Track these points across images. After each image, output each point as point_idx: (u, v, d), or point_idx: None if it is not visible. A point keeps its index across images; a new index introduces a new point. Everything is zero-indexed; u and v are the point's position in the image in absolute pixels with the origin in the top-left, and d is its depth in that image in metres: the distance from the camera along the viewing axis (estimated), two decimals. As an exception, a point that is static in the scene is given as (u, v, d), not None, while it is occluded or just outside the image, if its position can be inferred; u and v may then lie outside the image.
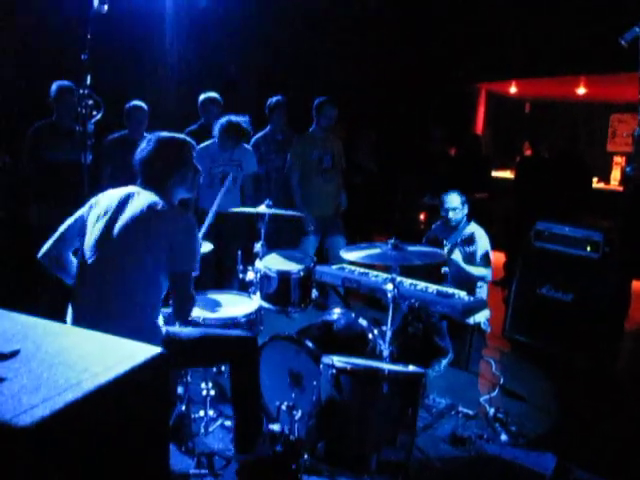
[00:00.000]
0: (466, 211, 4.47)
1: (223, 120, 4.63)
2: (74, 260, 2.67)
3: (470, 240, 4.16)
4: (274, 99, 5.39)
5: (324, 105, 5.06)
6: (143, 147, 2.69)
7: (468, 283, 4.24)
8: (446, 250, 4.10)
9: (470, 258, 4.32)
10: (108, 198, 2.64)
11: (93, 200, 2.69)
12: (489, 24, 7.58)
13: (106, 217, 2.56)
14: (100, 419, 1.36)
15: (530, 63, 7.74)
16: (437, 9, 7.71)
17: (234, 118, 4.61)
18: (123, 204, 2.58)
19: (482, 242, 4.34)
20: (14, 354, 1.47)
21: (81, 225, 2.63)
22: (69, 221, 2.68)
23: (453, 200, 4.44)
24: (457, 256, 4.22)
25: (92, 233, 2.56)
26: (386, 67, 7.53)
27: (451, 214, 4.42)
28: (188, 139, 2.80)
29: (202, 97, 5.23)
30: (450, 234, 4.43)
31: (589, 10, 6.67)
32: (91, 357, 1.49)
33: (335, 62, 7.03)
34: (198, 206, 4.85)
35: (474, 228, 4.42)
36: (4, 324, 1.66)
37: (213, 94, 5.22)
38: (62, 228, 2.67)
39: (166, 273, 2.58)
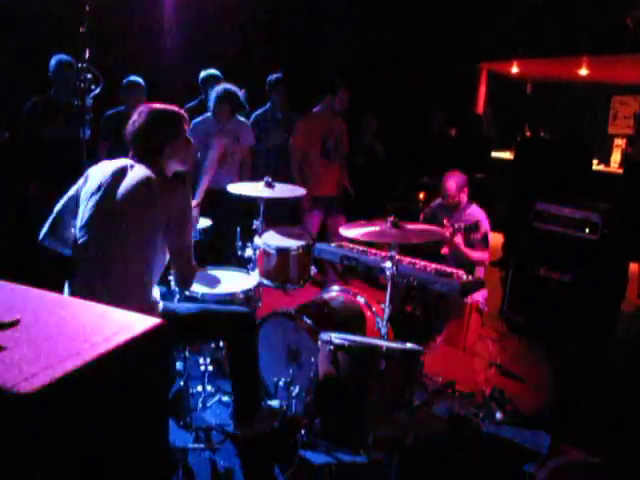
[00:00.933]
0: (466, 191, 4.45)
1: (219, 88, 4.60)
2: None
3: (475, 228, 4.14)
4: (274, 76, 5.35)
5: (340, 87, 5.02)
6: (135, 119, 2.66)
7: (468, 264, 4.24)
8: (447, 231, 4.10)
9: (472, 242, 4.30)
10: (101, 172, 2.61)
11: (84, 176, 2.66)
12: (490, 3, 7.51)
13: (100, 192, 2.53)
14: (100, 388, 1.37)
15: (532, 43, 7.68)
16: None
17: (230, 87, 4.59)
18: (117, 178, 2.55)
19: (484, 226, 4.31)
20: (14, 324, 1.47)
21: (76, 202, 2.61)
22: (64, 200, 2.65)
23: (453, 182, 4.40)
24: (458, 239, 4.20)
25: (86, 208, 2.54)
26: (387, 48, 7.47)
27: (450, 199, 4.40)
28: (180, 110, 2.77)
29: (203, 74, 5.20)
30: (450, 213, 4.41)
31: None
32: (90, 327, 1.49)
33: (336, 44, 6.96)
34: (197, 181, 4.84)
35: (477, 213, 4.40)
36: (4, 294, 1.66)
37: (214, 71, 5.18)
38: (58, 207, 2.65)
39: (164, 246, 2.57)
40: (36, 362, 1.29)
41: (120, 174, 2.57)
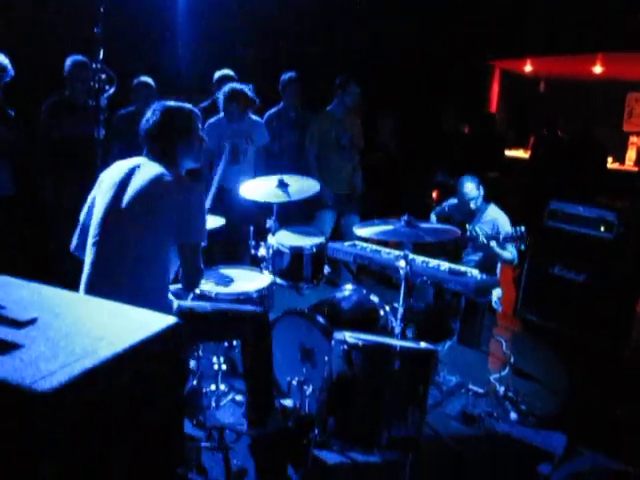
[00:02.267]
0: (482, 192, 4.40)
1: (226, 88, 4.61)
2: None
3: (497, 233, 4.12)
4: (287, 75, 5.34)
5: (349, 82, 5.02)
6: (148, 117, 2.67)
7: (492, 267, 4.22)
8: (470, 234, 4.08)
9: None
10: (113, 172, 2.63)
11: (100, 178, 2.68)
12: (504, 1, 7.46)
13: (112, 192, 2.54)
14: (116, 387, 1.38)
15: (546, 41, 7.61)
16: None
17: (237, 85, 4.60)
18: (128, 177, 2.56)
19: (506, 228, 4.27)
20: (31, 322, 1.48)
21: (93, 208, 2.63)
22: (85, 208, 2.67)
23: (471, 189, 4.32)
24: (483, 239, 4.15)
25: (99, 209, 2.55)
26: (401, 47, 7.44)
27: (472, 204, 4.32)
28: (194, 108, 2.77)
29: (217, 74, 5.20)
30: (469, 217, 4.36)
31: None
32: (107, 326, 1.50)
33: (351, 44, 6.95)
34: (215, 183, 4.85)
35: (495, 214, 4.35)
36: (21, 293, 1.67)
37: (228, 71, 5.18)
38: (82, 217, 2.68)
39: (175, 246, 2.57)
40: (53, 360, 1.30)
41: (130, 174, 2.58)
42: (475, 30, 7.70)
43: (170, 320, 1.53)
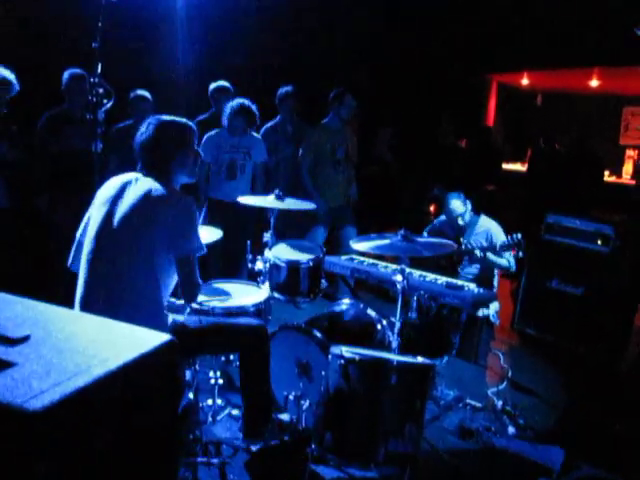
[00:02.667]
0: (469, 207, 4.41)
1: (234, 103, 4.63)
2: None
3: (490, 244, 4.13)
4: (283, 90, 5.35)
5: (345, 95, 5.04)
6: (143, 131, 2.66)
7: (488, 280, 4.22)
8: (466, 248, 4.09)
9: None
10: (107, 188, 2.62)
11: (97, 195, 2.67)
12: (501, 14, 7.50)
13: (105, 208, 2.54)
14: (110, 405, 1.37)
15: (542, 54, 7.66)
16: (448, -1, 7.65)
17: (245, 101, 4.63)
18: (121, 193, 2.56)
19: (500, 236, 4.28)
20: (24, 339, 1.47)
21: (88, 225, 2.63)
22: (82, 225, 2.67)
23: (458, 206, 4.34)
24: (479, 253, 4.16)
25: (93, 225, 2.55)
26: (398, 59, 7.49)
27: (460, 220, 4.34)
28: (189, 122, 2.76)
29: (212, 86, 5.23)
30: (461, 231, 4.37)
31: (603, 1, 6.58)
32: (100, 343, 1.49)
33: (348, 56, 6.99)
34: (207, 195, 4.86)
35: (487, 223, 4.36)
36: (14, 309, 1.66)
37: (224, 83, 5.21)
38: (78, 233, 2.67)
39: (170, 259, 2.55)
40: (46, 378, 1.29)
41: (123, 190, 2.57)
42: (472, 43, 7.75)
43: (164, 337, 1.52)
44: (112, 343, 1.49)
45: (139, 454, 1.49)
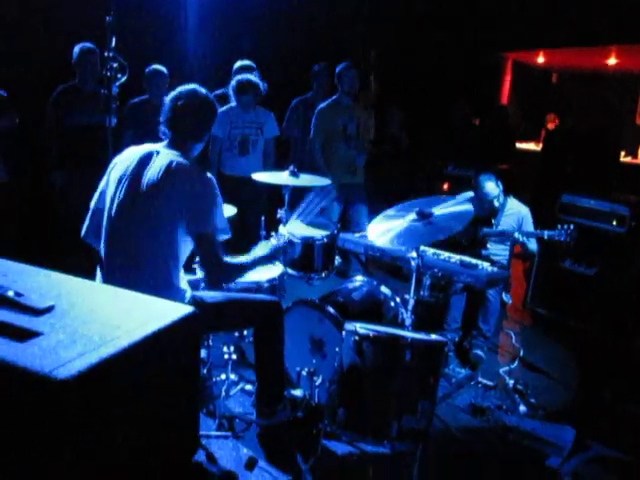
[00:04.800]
0: (501, 187, 4.25)
1: (241, 77, 4.61)
2: None
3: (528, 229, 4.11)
4: (316, 66, 5.45)
5: (343, 70, 5.03)
6: (180, 102, 2.63)
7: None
8: (499, 230, 4.10)
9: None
10: (127, 159, 2.61)
11: (112, 163, 2.67)
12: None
13: (126, 179, 2.53)
14: (133, 374, 1.38)
15: (559, 32, 7.54)
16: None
17: (240, 77, 4.60)
18: (143, 164, 2.55)
19: (529, 219, 4.23)
20: (49, 309, 1.48)
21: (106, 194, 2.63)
22: (96, 195, 2.66)
23: (492, 188, 4.15)
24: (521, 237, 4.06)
25: (114, 195, 2.54)
26: (413, 39, 7.40)
27: (495, 202, 4.18)
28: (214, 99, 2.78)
29: (237, 64, 5.17)
30: (491, 214, 4.25)
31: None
32: (124, 314, 1.50)
33: (362, 36, 6.92)
34: (219, 170, 4.85)
35: (517, 206, 4.27)
36: (38, 280, 1.68)
37: (248, 62, 5.15)
38: (92, 203, 2.67)
39: (189, 235, 2.56)
40: (72, 348, 1.30)
41: (146, 161, 2.56)
42: (487, 21, 7.64)
43: (186, 309, 1.53)
44: (135, 315, 1.51)
45: (161, 423, 1.51)
